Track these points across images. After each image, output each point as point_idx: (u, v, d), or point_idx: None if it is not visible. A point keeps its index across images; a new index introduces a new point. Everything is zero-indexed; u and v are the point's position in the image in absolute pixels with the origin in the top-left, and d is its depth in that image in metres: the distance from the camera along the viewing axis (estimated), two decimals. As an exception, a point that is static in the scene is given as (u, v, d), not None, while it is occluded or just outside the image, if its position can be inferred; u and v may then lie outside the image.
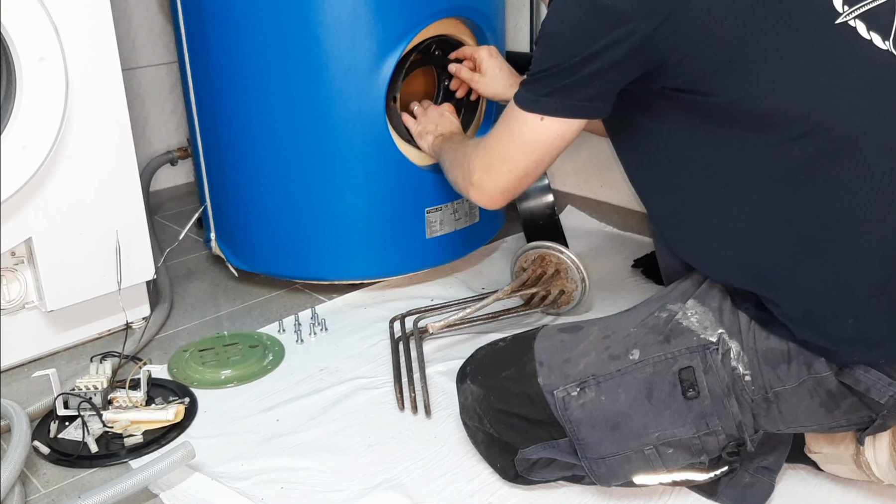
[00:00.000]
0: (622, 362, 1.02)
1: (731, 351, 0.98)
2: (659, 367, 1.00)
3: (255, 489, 1.13)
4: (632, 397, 1.01)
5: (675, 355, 1.00)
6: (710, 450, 1.01)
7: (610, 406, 1.01)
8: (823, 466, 1.11)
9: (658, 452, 1.02)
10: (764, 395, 0.98)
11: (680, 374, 0.99)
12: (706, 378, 0.98)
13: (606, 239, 1.94)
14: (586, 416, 1.02)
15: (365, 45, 1.47)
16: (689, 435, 1.00)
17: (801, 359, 0.96)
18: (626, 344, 1.03)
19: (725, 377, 0.98)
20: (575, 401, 1.02)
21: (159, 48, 2.25)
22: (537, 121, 1.03)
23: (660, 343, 1.01)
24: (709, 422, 0.99)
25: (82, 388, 1.27)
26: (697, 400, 0.99)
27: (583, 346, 1.05)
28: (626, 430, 1.01)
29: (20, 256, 1.39)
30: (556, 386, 1.03)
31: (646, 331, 1.03)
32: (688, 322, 1.01)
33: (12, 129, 1.27)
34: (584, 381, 1.02)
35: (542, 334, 1.10)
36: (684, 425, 1.00)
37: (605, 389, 1.02)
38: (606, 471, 1.04)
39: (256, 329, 1.57)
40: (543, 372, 1.05)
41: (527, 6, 1.99)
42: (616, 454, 1.02)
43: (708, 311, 1.01)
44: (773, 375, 0.97)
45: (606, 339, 1.05)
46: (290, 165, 1.55)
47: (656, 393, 1.00)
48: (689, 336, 1.00)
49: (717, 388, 0.98)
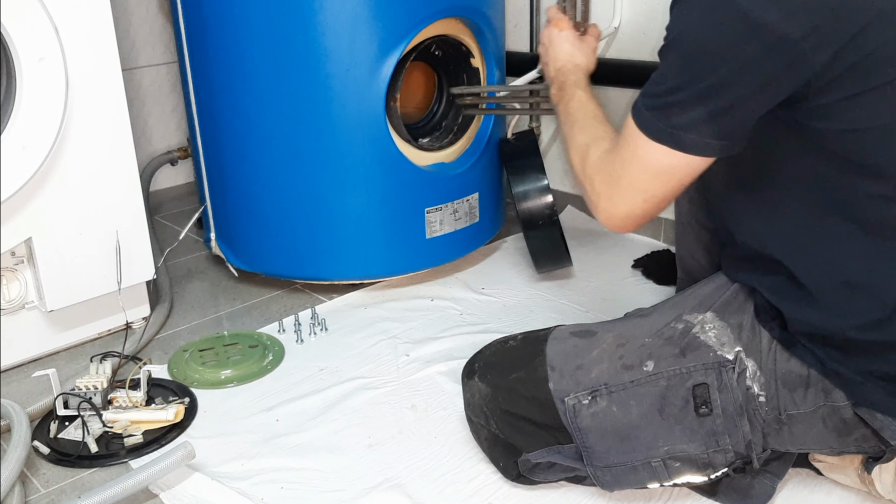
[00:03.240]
0: (636, 373, 1.00)
1: (748, 370, 0.96)
2: (673, 381, 0.98)
3: (255, 489, 1.13)
4: (644, 410, 0.99)
5: (689, 370, 0.98)
6: (717, 465, 1.00)
7: (621, 417, 1.00)
8: (826, 474, 1.11)
9: (665, 465, 1.00)
10: (777, 416, 0.97)
11: (694, 391, 0.97)
12: (720, 396, 0.97)
13: (606, 239, 1.94)
14: (596, 425, 1.00)
15: (365, 45, 1.47)
16: (699, 451, 0.99)
17: (820, 386, 0.94)
18: (641, 354, 1.01)
19: (739, 396, 0.96)
20: (586, 409, 1.01)
21: (159, 48, 2.25)
22: (674, 154, 0.89)
23: (675, 356, 0.99)
24: (719, 440, 0.98)
25: (82, 388, 1.27)
26: (710, 417, 0.97)
27: (596, 352, 1.03)
28: (636, 442, 1.00)
29: (20, 256, 1.40)
30: (567, 392, 1.02)
31: (661, 342, 1.01)
32: (705, 336, 0.99)
33: (12, 129, 1.27)
34: (597, 389, 1.01)
35: (555, 337, 1.08)
36: (694, 441, 0.98)
37: (616, 400, 1.00)
38: (611, 479, 1.03)
39: (256, 329, 1.57)
40: (555, 377, 1.03)
41: (527, 6, 1.99)
42: (623, 464, 1.01)
43: (727, 326, 0.99)
44: (790, 398, 0.95)
45: (620, 347, 1.03)
46: (290, 166, 1.55)
47: (668, 407, 0.98)
48: (706, 352, 0.98)
49: (731, 407, 0.97)
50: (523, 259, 1.81)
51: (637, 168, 0.93)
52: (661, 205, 0.95)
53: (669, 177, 0.91)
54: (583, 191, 1.04)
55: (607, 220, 1.00)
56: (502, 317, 1.58)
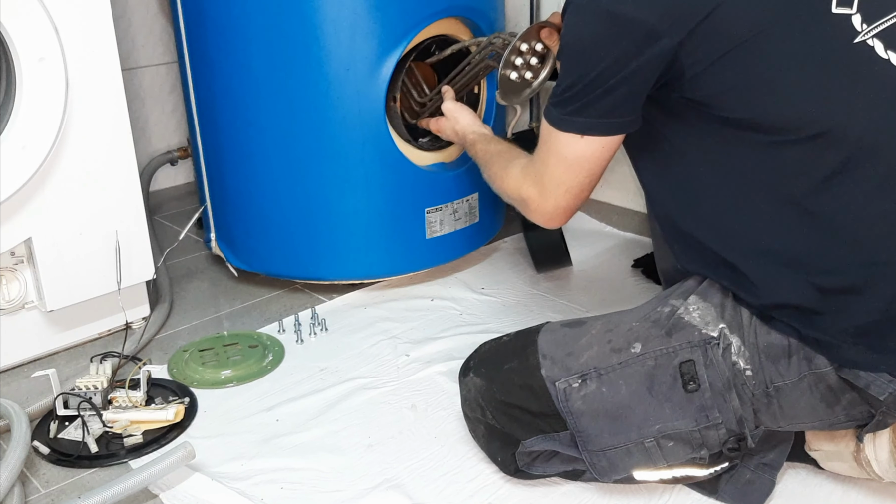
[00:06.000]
0: (624, 355, 1.03)
1: (732, 346, 0.99)
2: (660, 360, 1.02)
3: (255, 489, 1.13)
4: (633, 389, 1.02)
5: (676, 349, 1.01)
6: (711, 444, 1.02)
7: (611, 398, 1.03)
8: (824, 464, 1.11)
9: (658, 445, 1.03)
10: (764, 389, 0.99)
11: (681, 368, 1.00)
12: (707, 372, 1.00)
13: (606, 239, 1.94)
14: (588, 407, 1.03)
15: (365, 45, 1.47)
16: (690, 428, 1.01)
17: (802, 353, 0.97)
18: (629, 337, 1.04)
19: (726, 371, 0.99)
20: (576, 392, 1.04)
21: (159, 48, 2.25)
22: (578, 139, 1.02)
23: (661, 337, 1.02)
24: (709, 415, 1.00)
25: (82, 388, 1.27)
26: (698, 393, 1.00)
27: (585, 339, 1.07)
28: (627, 421, 1.03)
29: (20, 256, 1.40)
30: (559, 378, 1.05)
31: (648, 325, 1.04)
32: (689, 317, 1.02)
33: (12, 129, 1.27)
34: (586, 373, 1.04)
35: (546, 329, 1.12)
36: (685, 418, 1.01)
37: (606, 381, 1.03)
38: (607, 464, 1.05)
39: (256, 329, 1.57)
40: (546, 364, 1.06)
41: (527, 6, 1.99)
42: (616, 446, 1.04)
43: (710, 306, 1.02)
44: (774, 370, 0.98)
45: (609, 332, 1.06)
46: (290, 165, 1.55)
47: (657, 385, 1.01)
48: (691, 330, 1.01)
49: (718, 382, 0.99)
50: (523, 259, 1.81)
51: (554, 161, 1.06)
52: (582, 194, 1.08)
53: (581, 164, 1.04)
54: (518, 203, 1.17)
55: (540, 217, 1.13)
56: (502, 317, 1.58)
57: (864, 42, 0.93)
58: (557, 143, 1.04)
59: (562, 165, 1.05)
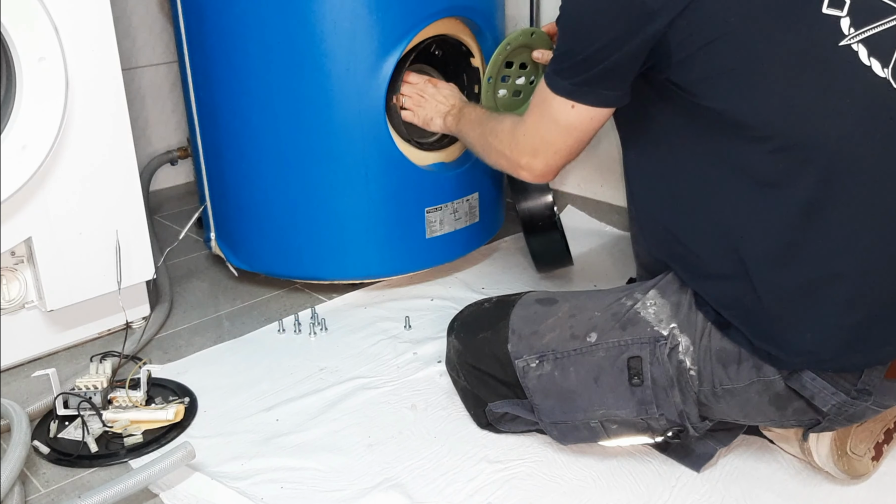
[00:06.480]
0: (579, 343, 1.11)
1: (680, 345, 1.05)
2: (611, 352, 1.08)
3: (255, 489, 1.13)
4: (581, 377, 1.10)
5: (627, 344, 1.08)
6: (655, 429, 1.09)
7: (561, 382, 1.11)
8: (776, 442, 1.18)
9: (603, 426, 1.11)
10: (712, 389, 1.04)
11: (629, 363, 1.07)
12: (652, 369, 1.06)
13: (606, 239, 1.94)
14: (540, 386, 1.12)
15: (365, 45, 1.47)
16: (632, 417, 1.08)
17: (752, 362, 1.01)
18: (588, 326, 1.11)
19: (671, 369, 1.05)
20: (533, 371, 1.13)
21: (159, 48, 2.25)
22: (570, 107, 1.06)
23: (616, 330, 1.09)
24: (648, 409, 1.07)
25: (82, 388, 1.27)
26: (641, 388, 1.06)
27: (551, 320, 1.14)
28: (574, 404, 1.11)
29: (20, 256, 1.40)
30: (521, 355, 1.14)
31: (608, 316, 1.11)
32: (645, 313, 1.08)
33: (12, 129, 1.27)
34: (544, 354, 1.12)
35: (521, 302, 1.20)
36: (627, 408, 1.08)
37: (559, 365, 1.11)
38: (559, 434, 1.15)
39: (256, 329, 1.56)
40: (514, 340, 1.15)
41: (527, 6, 1.99)
42: (565, 422, 1.13)
43: (667, 303, 1.08)
44: (724, 374, 1.03)
45: (572, 318, 1.13)
46: (290, 165, 1.55)
47: (604, 376, 1.09)
48: (644, 327, 1.07)
49: (662, 379, 1.05)
50: (523, 259, 1.82)
51: (545, 124, 1.11)
52: (571, 156, 1.14)
53: (570, 132, 1.09)
54: (506, 163, 1.23)
55: (530, 175, 1.19)
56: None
57: (848, 46, 0.93)
58: (551, 108, 1.08)
59: (553, 129, 1.10)
